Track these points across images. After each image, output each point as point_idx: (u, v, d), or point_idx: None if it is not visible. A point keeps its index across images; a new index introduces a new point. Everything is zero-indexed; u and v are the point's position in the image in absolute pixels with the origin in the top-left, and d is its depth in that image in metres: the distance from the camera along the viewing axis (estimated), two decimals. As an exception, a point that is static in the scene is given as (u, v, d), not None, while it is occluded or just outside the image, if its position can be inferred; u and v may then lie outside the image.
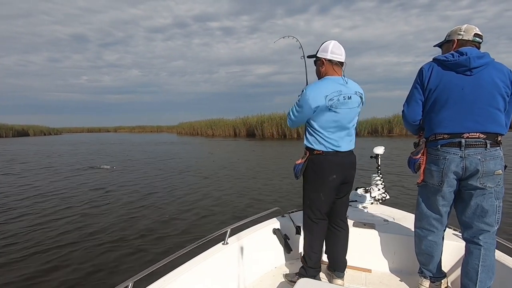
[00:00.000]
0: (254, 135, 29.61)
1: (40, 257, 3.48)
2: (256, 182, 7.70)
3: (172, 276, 1.57)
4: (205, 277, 1.73)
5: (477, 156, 1.54)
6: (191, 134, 39.15)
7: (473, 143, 1.54)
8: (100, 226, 4.48)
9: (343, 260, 1.98)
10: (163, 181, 7.96)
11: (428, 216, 1.77)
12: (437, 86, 1.62)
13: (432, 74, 1.64)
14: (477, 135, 1.54)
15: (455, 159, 1.57)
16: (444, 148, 1.61)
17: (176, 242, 3.86)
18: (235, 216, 4.80)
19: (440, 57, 1.66)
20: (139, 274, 1.39)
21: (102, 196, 6.31)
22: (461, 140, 1.55)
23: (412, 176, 7.36)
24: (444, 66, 1.62)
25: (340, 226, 1.97)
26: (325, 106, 1.70)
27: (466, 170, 1.57)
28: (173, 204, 5.64)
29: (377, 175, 2.94)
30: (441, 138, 1.62)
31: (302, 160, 1.85)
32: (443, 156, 1.60)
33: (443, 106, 1.61)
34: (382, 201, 2.85)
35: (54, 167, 10.92)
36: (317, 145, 1.78)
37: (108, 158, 13.72)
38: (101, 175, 8.93)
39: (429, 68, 1.66)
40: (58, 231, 4.29)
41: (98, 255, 3.52)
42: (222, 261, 1.89)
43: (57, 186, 7.36)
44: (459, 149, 1.56)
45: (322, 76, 1.82)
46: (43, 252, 3.61)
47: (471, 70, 1.56)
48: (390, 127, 28.31)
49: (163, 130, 59.68)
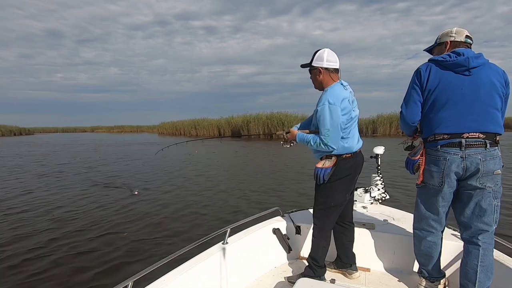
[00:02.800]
0: (240, 135, 29.49)
1: (40, 257, 3.43)
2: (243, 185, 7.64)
3: (171, 276, 1.57)
4: (205, 276, 1.73)
5: (477, 156, 1.55)
6: (174, 134, 38.49)
7: (473, 143, 1.55)
8: (98, 227, 4.41)
9: (354, 253, 2.14)
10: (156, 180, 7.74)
11: (427, 217, 1.77)
12: (436, 86, 1.61)
13: (430, 74, 1.63)
14: (477, 135, 1.55)
15: (456, 159, 1.57)
16: (444, 148, 1.60)
17: (176, 241, 3.83)
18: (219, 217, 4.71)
19: (437, 57, 1.65)
20: (138, 274, 1.39)
21: (87, 198, 6.03)
22: (461, 140, 1.55)
23: (403, 175, 7.56)
24: (442, 66, 1.62)
25: (350, 221, 2.12)
26: (347, 110, 1.80)
27: (467, 170, 1.57)
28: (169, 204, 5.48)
29: (377, 175, 2.95)
30: (441, 138, 1.61)
31: (330, 164, 1.84)
32: (443, 156, 1.59)
33: (443, 107, 1.60)
34: (382, 201, 2.88)
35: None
36: (344, 149, 1.84)
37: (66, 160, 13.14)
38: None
39: (426, 69, 1.65)
40: (52, 229, 4.21)
41: (97, 255, 3.48)
42: (222, 261, 1.89)
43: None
44: (459, 149, 1.56)
45: (323, 84, 1.86)
46: (41, 251, 3.55)
47: (469, 70, 1.57)
48: (374, 127, 28.72)
49: (144, 130, 58.28)
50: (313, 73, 1.87)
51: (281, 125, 26.12)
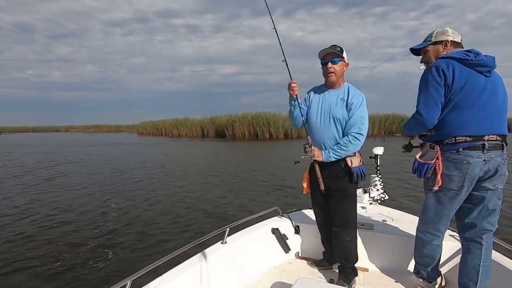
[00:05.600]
0: (224, 135, 29.10)
1: (40, 257, 3.44)
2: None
3: (170, 275, 1.58)
4: (203, 276, 1.73)
5: (497, 159, 1.54)
6: (154, 134, 37.41)
7: (494, 145, 1.53)
8: (97, 227, 4.39)
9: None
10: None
11: (436, 221, 1.72)
12: (463, 86, 1.52)
13: (455, 72, 1.53)
14: (495, 137, 1.54)
15: (479, 162, 1.52)
16: (466, 151, 1.53)
17: (175, 241, 3.82)
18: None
19: (456, 55, 1.57)
20: (137, 273, 1.39)
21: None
22: (485, 143, 1.51)
23: (403, 176, 7.63)
24: (465, 64, 1.54)
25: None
26: None
27: (487, 173, 1.54)
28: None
29: (376, 175, 2.98)
30: (463, 141, 1.53)
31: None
32: (466, 160, 1.52)
33: (467, 108, 1.53)
34: (381, 201, 2.90)
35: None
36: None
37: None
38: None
39: (449, 66, 1.54)
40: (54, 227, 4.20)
41: (97, 255, 3.47)
42: (221, 260, 1.89)
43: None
44: (481, 152, 1.51)
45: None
46: (39, 250, 3.54)
47: (490, 71, 1.56)
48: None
49: (122, 130, 56.14)
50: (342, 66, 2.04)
51: (267, 125, 26.08)
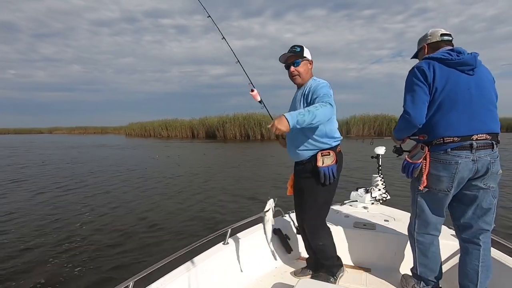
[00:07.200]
0: (215, 136, 28.90)
1: (39, 256, 3.45)
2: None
3: (172, 276, 1.58)
4: (206, 277, 1.74)
5: (487, 158, 1.51)
6: (142, 135, 37.04)
7: (483, 144, 1.50)
8: (98, 228, 4.38)
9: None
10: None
11: (435, 222, 1.70)
12: (444, 86, 1.52)
13: (436, 73, 1.52)
14: (485, 136, 1.51)
15: (468, 163, 1.50)
16: (454, 151, 1.51)
17: (176, 242, 3.83)
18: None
19: (437, 55, 1.57)
20: (139, 274, 1.39)
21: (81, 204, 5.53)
22: (473, 143, 1.49)
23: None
24: (446, 64, 1.53)
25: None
26: None
27: (477, 172, 1.53)
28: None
29: (378, 175, 2.96)
30: (451, 141, 1.51)
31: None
32: (455, 160, 1.51)
33: (452, 108, 1.51)
34: (383, 201, 2.89)
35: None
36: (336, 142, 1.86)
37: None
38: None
39: (429, 67, 1.54)
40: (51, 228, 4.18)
41: (97, 256, 3.46)
42: (223, 261, 1.91)
43: None
44: (470, 152, 1.50)
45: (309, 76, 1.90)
46: (40, 250, 3.56)
47: (473, 69, 1.54)
48: (348, 128, 28.80)
49: (109, 131, 55.44)
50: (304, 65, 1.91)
51: (258, 126, 26.05)
